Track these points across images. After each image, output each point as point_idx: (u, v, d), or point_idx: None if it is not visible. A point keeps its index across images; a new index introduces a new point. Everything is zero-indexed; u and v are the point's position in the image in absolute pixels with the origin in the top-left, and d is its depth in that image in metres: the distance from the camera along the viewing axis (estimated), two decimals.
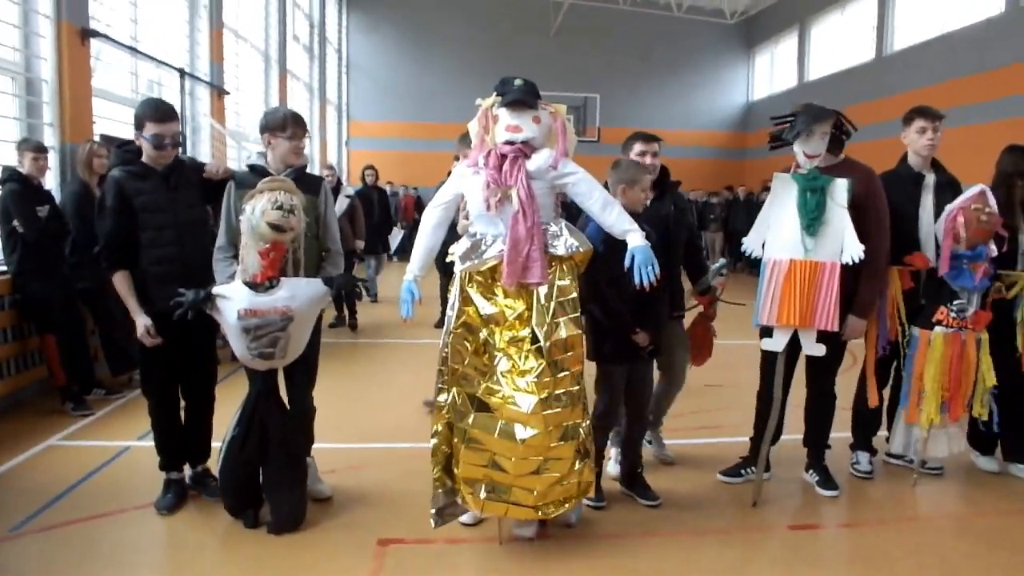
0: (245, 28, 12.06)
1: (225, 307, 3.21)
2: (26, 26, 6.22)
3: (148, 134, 3.44)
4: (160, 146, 3.45)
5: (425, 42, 20.62)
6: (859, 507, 3.88)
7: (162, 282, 3.42)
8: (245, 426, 3.36)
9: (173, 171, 3.55)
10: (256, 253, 3.20)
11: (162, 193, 3.49)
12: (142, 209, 3.45)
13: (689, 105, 21.71)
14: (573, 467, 3.11)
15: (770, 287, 3.57)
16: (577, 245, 3.14)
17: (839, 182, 3.57)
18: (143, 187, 3.47)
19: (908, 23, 15.36)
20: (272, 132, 3.53)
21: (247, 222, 3.19)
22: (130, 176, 3.48)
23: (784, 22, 20.34)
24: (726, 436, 4.76)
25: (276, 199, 3.17)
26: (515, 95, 3.16)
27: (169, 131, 3.47)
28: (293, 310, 3.22)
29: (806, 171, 3.59)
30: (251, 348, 3.21)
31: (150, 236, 3.48)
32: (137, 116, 3.49)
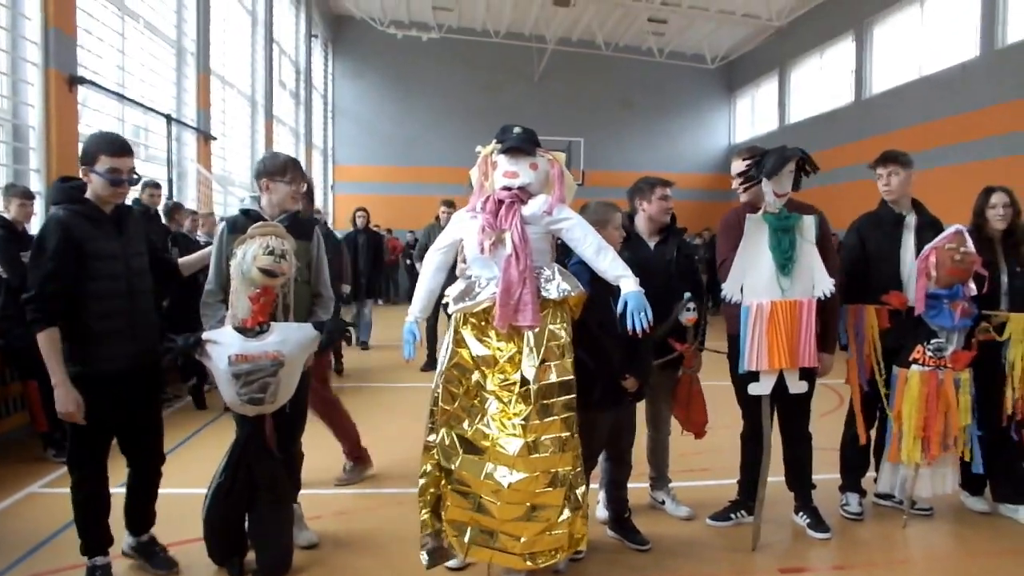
0: (232, 74, 12.19)
1: (215, 352, 3.16)
2: (14, 73, 6.28)
3: (102, 168, 3.10)
4: (117, 182, 3.12)
5: (409, 87, 20.86)
6: (849, 549, 3.85)
7: (108, 339, 3.12)
8: (232, 472, 3.29)
9: (123, 215, 3.28)
10: (246, 298, 3.18)
11: (113, 239, 3.18)
12: (92, 256, 3.09)
13: (672, 148, 22.01)
14: (562, 516, 3.08)
15: (755, 332, 3.58)
16: (569, 289, 3.16)
17: (807, 219, 3.64)
18: (93, 231, 3.11)
19: (886, 67, 15.72)
20: (271, 177, 3.49)
21: (238, 267, 3.17)
22: (78, 217, 3.11)
23: (764, 66, 20.76)
24: (714, 479, 4.73)
25: (267, 244, 3.15)
26: (512, 142, 3.23)
27: (126, 166, 3.16)
28: (284, 355, 3.20)
29: (776, 210, 3.64)
30: (241, 394, 3.17)
31: (100, 287, 3.12)
32: (87, 149, 3.14)
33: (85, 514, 3.27)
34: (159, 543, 3.49)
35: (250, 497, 3.31)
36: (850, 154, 14.21)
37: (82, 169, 3.14)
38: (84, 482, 3.23)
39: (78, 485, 3.23)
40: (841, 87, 17.18)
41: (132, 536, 3.49)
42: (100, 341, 3.10)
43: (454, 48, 20.24)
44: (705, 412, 4.07)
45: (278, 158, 3.59)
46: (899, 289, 4.02)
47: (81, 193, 3.16)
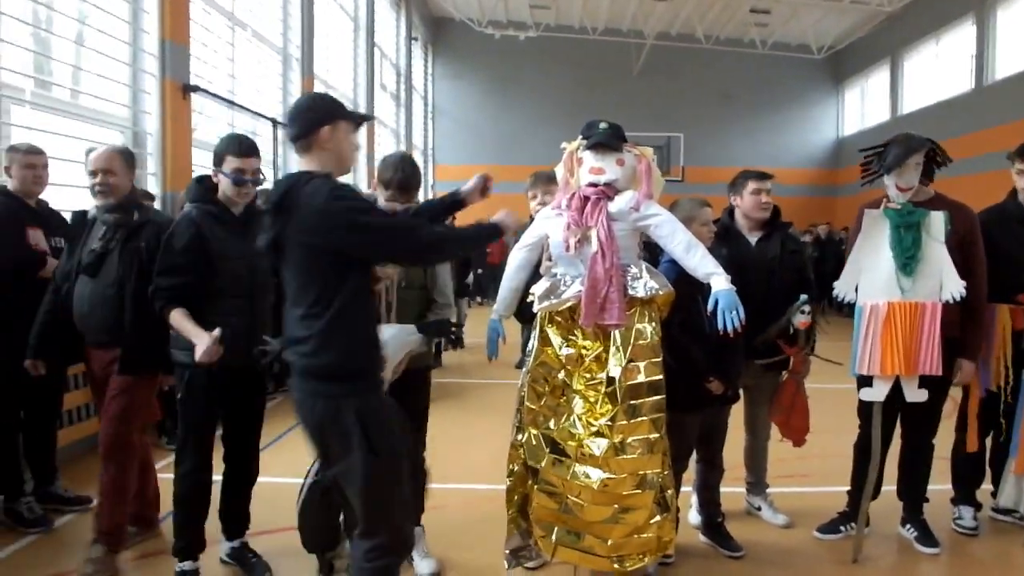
0: (334, 78, 12.58)
1: None
2: (135, 84, 6.65)
3: (228, 169, 3.23)
4: (240, 182, 3.24)
5: (508, 87, 21.01)
6: (962, 566, 3.64)
7: (228, 336, 3.13)
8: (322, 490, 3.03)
9: (252, 217, 3.32)
10: None
11: (240, 239, 3.24)
12: (220, 255, 3.20)
13: (776, 142, 21.31)
14: (651, 519, 3.02)
15: (868, 333, 3.39)
16: (657, 288, 3.09)
17: (935, 215, 3.41)
18: (220, 231, 3.23)
19: (1009, 50, 14.71)
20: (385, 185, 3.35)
21: None
22: (207, 216, 3.24)
23: (875, 55, 19.82)
24: (813, 485, 4.55)
25: None
26: (598, 138, 3.17)
27: (250, 167, 3.26)
28: (387, 357, 2.95)
29: (899, 206, 3.44)
30: None
31: (223, 285, 3.22)
32: (217, 151, 3.28)
33: (186, 508, 3.28)
34: (252, 549, 3.51)
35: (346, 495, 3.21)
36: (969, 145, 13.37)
37: (212, 171, 3.29)
38: (190, 473, 3.26)
39: (184, 476, 3.26)
40: (960, 74, 16.19)
41: (227, 541, 3.51)
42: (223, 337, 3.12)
43: (552, 46, 20.22)
44: (807, 420, 3.87)
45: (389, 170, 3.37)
46: (1021, 288, 3.75)
47: (213, 193, 3.28)
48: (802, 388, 3.87)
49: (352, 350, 2.43)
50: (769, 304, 3.64)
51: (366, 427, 2.37)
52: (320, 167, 2.49)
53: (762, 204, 3.84)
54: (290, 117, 2.56)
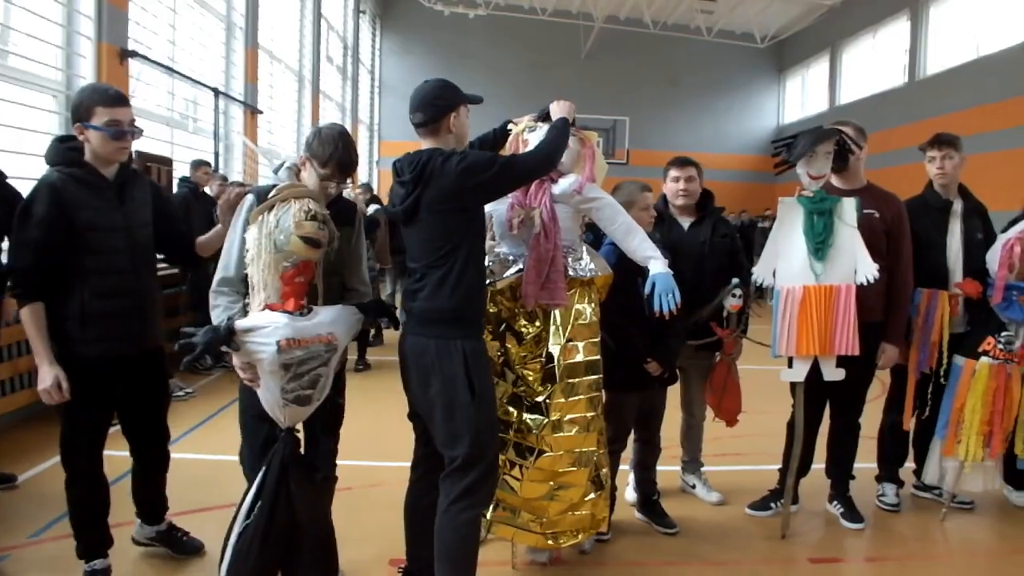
0: (279, 49, 12.29)
1: (257, 341, 2.45)
2: (68, 47, 6.40)
3: (100, 121, 2.72)
4: (119, 135, 2.76)
5: (456, 64, 20.80)
6: (884, 541, 3.79)
7: (109, 319, 2.79)
8: (269, 507, 2.52)
9: (127, 181, 2.90)
10: (278, 276, 2.51)
11: (115, 208, 2.82)
12: (88, 227, 2.74)
13: (719, 128, 21.67)
14: (586, 496, 3.08)
15: (785, 316, 3.51)
16: (596, 270, 3.14)
17: (847, 201, 3.53)
18: (89, 199, 2.76)
19: (941, 47, 15.22)
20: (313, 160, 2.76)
21: (268, 238, 2.50)
22: (73, 182, 2.74)
23: (815, 46, 20.26)
24: (748, 464, 4.69)
25: (308, 207, 2.52)
26: (543, 111, 3.19)
27: (126, 117, 2.79)
28: (337, 338, 2.61)
29: (811, 193, 3.55)
30: (287, 391, 2.50)
31: (99, 261, 2.79)
32: (79, 105, 2.76)
33: (81, 513, 2.96)
34: (179, 528, 3.31)
35: (289, 543, 2.56)
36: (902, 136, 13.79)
37: (76, 128, 2.76)
38: (79, 477, 2.93)
39: (72, 481, 2.93)
40: (894, 67, 16.70)
41: (148, 526, 3.27)
42: (101, 321, 2.78)
43: (501, 25, 20.11)
44: (739, 401, 3.96)
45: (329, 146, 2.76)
46: (946, 276, 3.92)
47: (80, 155, 2.79)
48: (734, 369, 3.94)
49: (468, 298, 2.67)
50: (701, 287, 3.73)
51: (469, 368, 2.60)
52: (443, 147, 2.73)
53: (680, 191, 3.89)
54: (418, 104, 2.78)
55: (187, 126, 9.03)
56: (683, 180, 3.89)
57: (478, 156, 2.68)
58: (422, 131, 2.80)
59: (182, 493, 3.82)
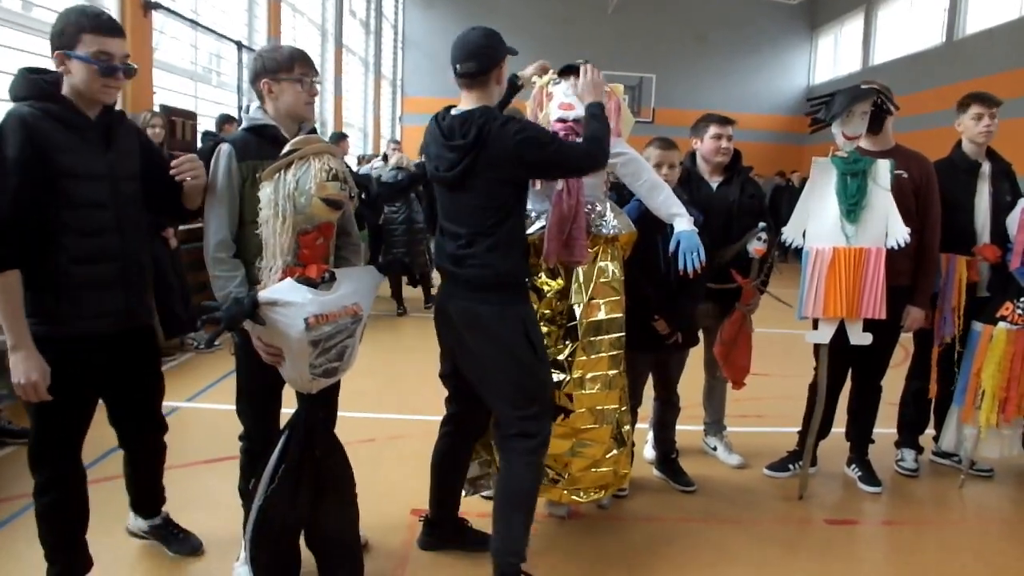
0: (302, 2, 12.17)
1: (285, 316, 2.31)
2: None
3: (87, 51, 2.24)
4: (109, 70, 2.27)
5: (481, 19, 20.15)
6: (901, 505, 3.80)
7: (91, 289, 2.33)
8: (295, 470, 2.48)
9: (113, 123, 2.40)
10: (296, 239, 2.38)
11: (99, 153, 2.33)
12: (66, 173, 2.25)
13: (747, 87, 21.25)
14: (608, 453, 3.11)
15: (813, 278, 3.48)
16: (620, 227, 3.12)
17: (881, 163, 3.47)
18: (69, 140, 2.26)
19: (982, 6, 14.74)
20: (273, 76, 2.53)
21: (286, 199, 2.33)
22: (48, 119, 2.23)
23: (850, 3, 19.72)
24: (768, 426, 4.69)
25: (330, 166, 2.36)
26: (568, 65, 3.14)
27: (119, 50, 2.30)
28: (363, 308, 2.51)
29: (845, 154, 3.49)
30: (316, 365, 2.41)
31: (78, 217, 2.28)
32: (64, 28, 2.26)
33: (53, 528, 2.46)
34: (175, 523, 2.98)
35: (314, 502, 2.55)
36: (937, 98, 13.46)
37: (56, 56, 2.26)
38: (52, 485, 2.42)
39: (44, 489, 2.42)
40: (932, 27, 16.21)
41: (143, 520, 2.94)
42: (80, 292, 2.31)
43: None
44: (748, 357, 3.86)
45: (281, 50, 2.59)
46: (973, 239, 3.85)
47: (56, 89, 2.29)
48: (748, 323, 3.85)
49: (519, 264, 2.74)
50: (725, 245, 3.69)
51: (529, 331, 2.65)
52: (487, 102, 2.64)
53: (722, 149, 3.83)
54: (467, 53, 2.58)
55: (211, 80, 9.01)
56: (725, 138, 3.82)
57: (537, 131, 2.59)
58: (468, 82, 2.62)
59: (210, 443, 3.91)
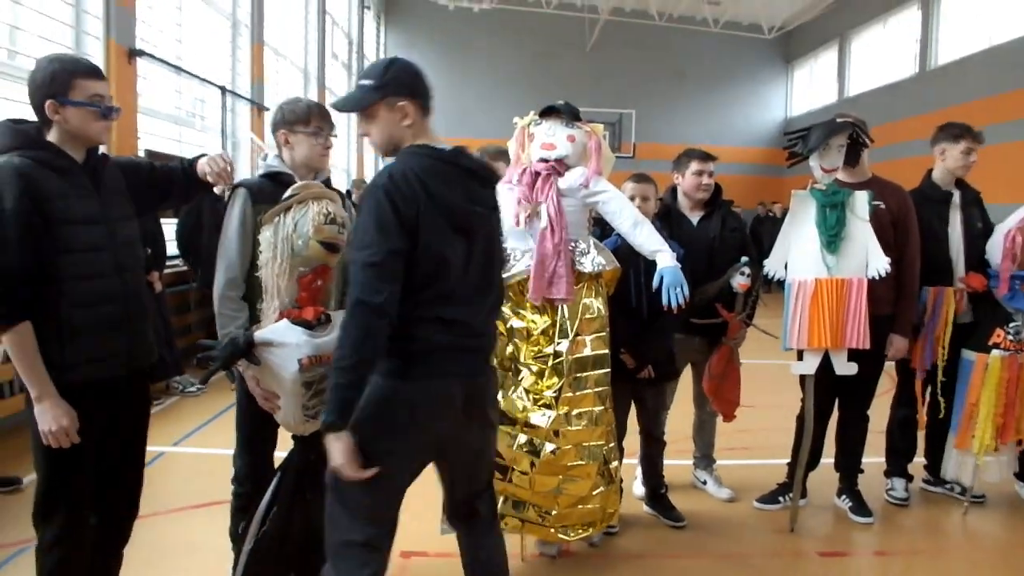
0: (285, 46, 12.30)
1: (278, 357, 2.33)
2: (77, 47, 6.43)
3: (83, 96, 2.25)
4: (107, 113, 2.30)
5: (461, 59, 20.78)
6: (893, 535, 3.79)
7: (93, 334, 2.28)
8: (285, 513, 2.48)
9: (97, 165, 2.38)
10: (295, 281, 2.42)
11: (90, 196, 2.31)
12: (63, 219, 2.22)
13: (726, 121, 21.54)
14: (595, 490, 3.10)
15: (796, 309, 3.51)
16: (604, 263, 3.15)
17: (859, 194, 3.53)
18: (62, 186, 2.23)
19: (953, 36, 15.10)
20: (290, 127, 2.71)
21: (285, 242, 2.40)
22: (40, 167, 2.21)
23: (824, 36, 20.13)
24: (757, 458, 4.69)
25: (327, 210, 2.42)
26: (552, 105, 3.21)
27: (107, 91, 2.33)
28: None
29: (824, 186, 3.55)
30: (308, 407, 2.40)
31: (76, 263, 2.25)
32: (53, 76, 2.24)
33: None
34: None
35: (304, 544, 2.50)
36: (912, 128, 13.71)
37: (49, 105, 2.24)
38: (60, 541, 2.33)
39: (51, 545, 2.33)
40: (905, 58, 16.56)
41: None
42: (84, 336, 2.27)
43: (506, 19, 20.05)
44: (738, 391, 3.87)
45: (299, 103, 2.77)
46: (949, 268, 3.91)
47: (42, 136, 2.28)
48: (735, 357, 3.87)
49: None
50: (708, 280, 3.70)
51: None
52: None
53: (703, 185, 3.86)
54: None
55: (195, 124, 9.06)
56: (706, 174, 3.86)
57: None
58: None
59: (196, 487, 3.87)
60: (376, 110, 2.16)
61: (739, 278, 3.65)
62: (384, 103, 2.14)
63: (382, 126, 2.17)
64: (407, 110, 2.15)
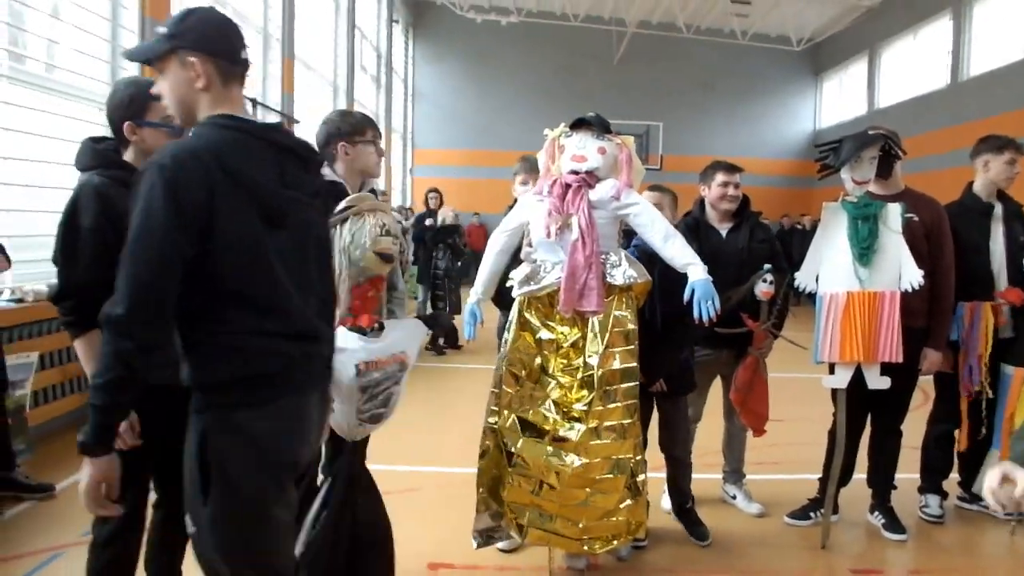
0: (314, 59, 12.46)
1: (338, 363, 2.31)
2: (113, 61, 6.56)
3: (158, 117, 2.41)
4: (179, 132, 2.37)
5: (488, 71, 20.92)
6: (927, 553, 3.72)
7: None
8: (335, 517, 2.58)
9: None
10: (350, 291, 2.53)
11: None
12: None
13: (754, 133, 21.44)
14: (622, 503, 3.08)
15: (828, 322, 3.47)
16: (635, 276, 3.14)
17: (891, 207, 3.49)
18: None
19: (985, 47, 14.90)
20: (349, 138, 2.80)
21: (341, 253, 2.50)
22: (117, 186, 2.33)
23: (853, 48, 19.97)
24: (787, 473, 4.63)
25: (383, 223, 2.53)
26: (584, 118, 3.22)
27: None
28: (409, 357, 2.61)
29: (855, 198, 3.51)
30: (363, 411, 2.51)
31: None
32: (131, 99, 2.40)
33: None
34: None
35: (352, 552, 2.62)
36: (944, 140, 13.57)
37: (127, 126, 2.40)
38: (117, 536, 2.43)
39: (107, 541, 2.43)
40: (936, 69, 16.36)
41: None
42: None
43: (533, 32, 20.17)
44: (766, 404, 3.81)
45: (353, 116, 2.88)
46: (991, 282, 3.85)
47: (120, 156, 2.45)
48: (762, 368, 3.81)
49: None
50: None
51: None
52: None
53: (728, 196, 3.85)
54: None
55: None
56: (732, 186, 3.85)
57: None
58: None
59: None
60: (167, 65, 1.85)
61: (762, 285, 3.60)
62: (176, 57, 1.83)
63: (173, 86, 1.86)
64: (199, 69, 1.83)
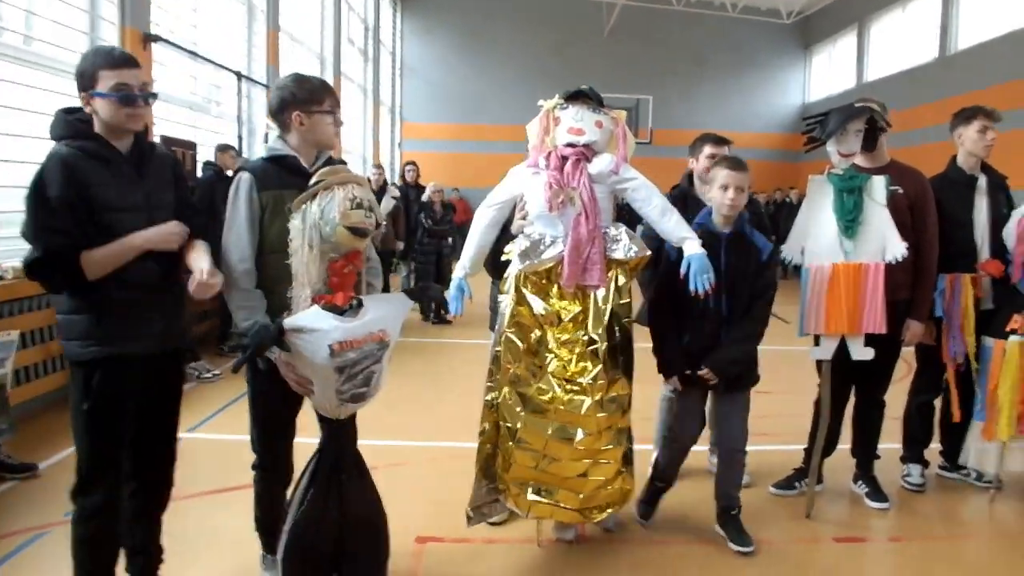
0: (300, 31, 12.29)
1: (309, 343, 2.39)
2: (92, 32, 6.45)
3: (106, 86, 2.34)
4: (129, 99, 2.36)
5: (478, 45, 20.73)
6: (909, 521, 3.78)
7: (133, 312, 2.43)
8: (321, 495, 2.57)
9: (144, 154, 2.50)
10: (326, 267, 2.48)
11: (133, 184, 2.44)
12: (105, 206, 2.36)
13: (744, 106, 21.38)
14: (619, 472, 3.11)
15: (813, 294, 3.49)
16: (636, 250, 3.14)
17: (876, 179, 3.49)
18: (104, 175, 2.37)
19: (974, 21, 14.87)
20: (305, 106, 2.63)
21: (312, 228, 2.43)
22: (85, 157, 2.36)
23: (843, 21, 19.89)
24: (773, 444, 4.67)
25: (353, 195, 2.43)
26: (577, 88, 3.19)
27: (136, 79, 2.39)
28: (389, 334, 2.55)
29: (841, 171, 3.52)
30: (343, 391, 2.48)
31: None
32: (83, 71, 2.38)
33: (93, 557, 2.52)
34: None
35: (340, 528, 2.60)
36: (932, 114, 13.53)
37: (81, 98, 2.40)
38: (99, 511, 2.48)
39: (89, 515, 2.48)
40: (925, 43, 16.33)
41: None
42: (123, 314, 2.42)
43: (523, 5, 20.00)
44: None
45: (311, 81, 2.70)
46: (974, 254, 3.87)
47: (90, 128, 2.42)
48: None
49: None
50: None
51: None
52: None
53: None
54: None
55: (210, 110, 9.09)
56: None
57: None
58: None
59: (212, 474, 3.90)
60: None
61: None
62: None
63: None
64: None
